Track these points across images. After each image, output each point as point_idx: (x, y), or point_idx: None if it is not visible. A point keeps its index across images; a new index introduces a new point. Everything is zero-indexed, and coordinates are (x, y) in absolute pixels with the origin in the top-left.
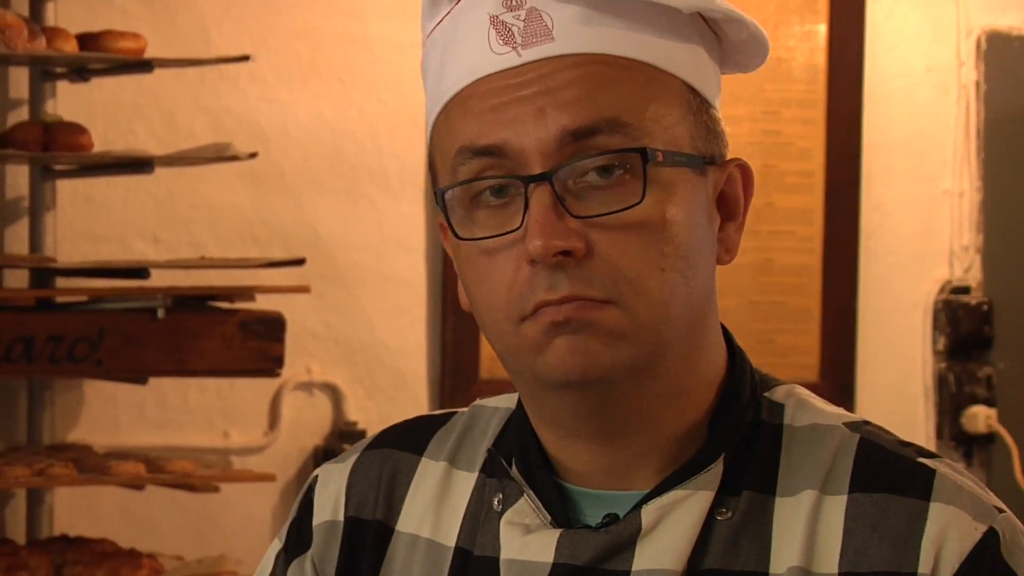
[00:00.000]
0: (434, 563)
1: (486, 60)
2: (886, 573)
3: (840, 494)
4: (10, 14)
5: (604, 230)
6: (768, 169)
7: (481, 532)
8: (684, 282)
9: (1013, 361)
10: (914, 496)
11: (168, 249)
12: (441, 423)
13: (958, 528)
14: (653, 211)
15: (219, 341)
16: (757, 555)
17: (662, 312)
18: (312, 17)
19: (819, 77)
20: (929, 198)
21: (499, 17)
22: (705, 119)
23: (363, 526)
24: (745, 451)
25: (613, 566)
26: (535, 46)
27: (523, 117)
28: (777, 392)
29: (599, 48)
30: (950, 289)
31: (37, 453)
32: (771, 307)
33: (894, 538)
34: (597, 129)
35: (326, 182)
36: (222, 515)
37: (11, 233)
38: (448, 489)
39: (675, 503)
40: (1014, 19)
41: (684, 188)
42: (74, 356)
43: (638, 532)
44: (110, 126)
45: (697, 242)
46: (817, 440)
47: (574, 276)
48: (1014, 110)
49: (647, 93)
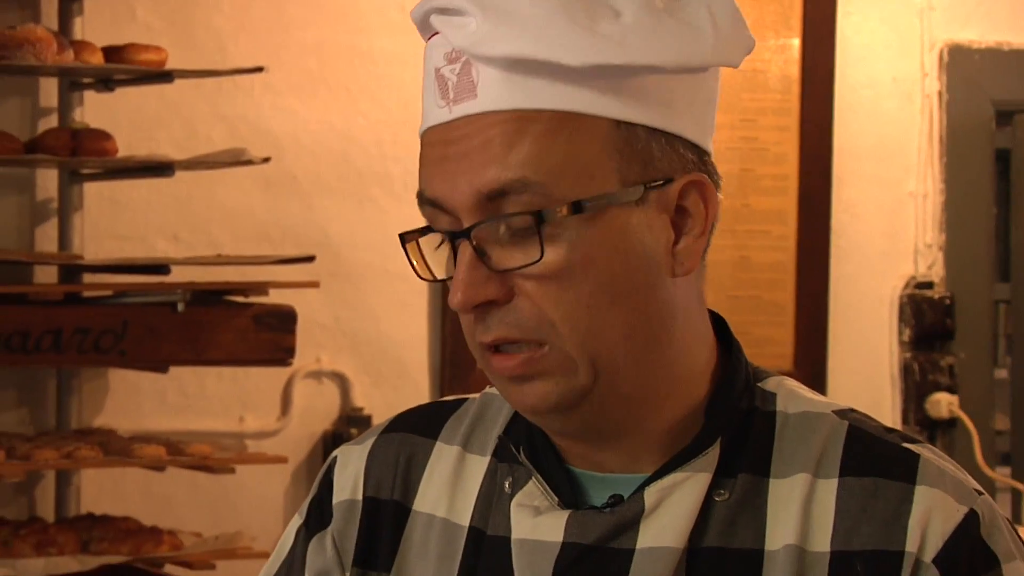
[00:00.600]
0: (449, 541)
1: (432, 112)
2: (875, 551)
3: (831, 477)
4: (40, 28)
5: (525, 277)
6: (745, 173)
7: (493, 513)
8: (615, 313)
9: (972, 351)
10: (901, 479)
11: (187, 247)
12: (454, 409)
13: (942, 509)
14: (563, 261)
15: (235, 333)
16: (753, 534)
17: (593, 343)
18: (321, 32)
19: (793, 88)
20: (895, 200)
21: (440, 70)
22: (642, 146)
23: (381, 505)
24: (740, 436)
25: (619, 544)
26: (461, 103)
27: (452, 176)
28: (769, 382)
29: (515, 104)
30: (914, 284)
31: (65, 437)
32: (748, 301)
33: (883, 518)
34: (505, 191)
35: (334, 185)
36: (238, 495)
37: (41, 232)
38: (462, 472)
39: (675, 485)
40: (974, 33)
41: (607, 226)
42: (100, 347)
43: (641, 512)
44: (133, 133)
45: (627, 274)
46: (808, 427)
47: (500, 320)
48: (973, 118)
49: (556, 144)
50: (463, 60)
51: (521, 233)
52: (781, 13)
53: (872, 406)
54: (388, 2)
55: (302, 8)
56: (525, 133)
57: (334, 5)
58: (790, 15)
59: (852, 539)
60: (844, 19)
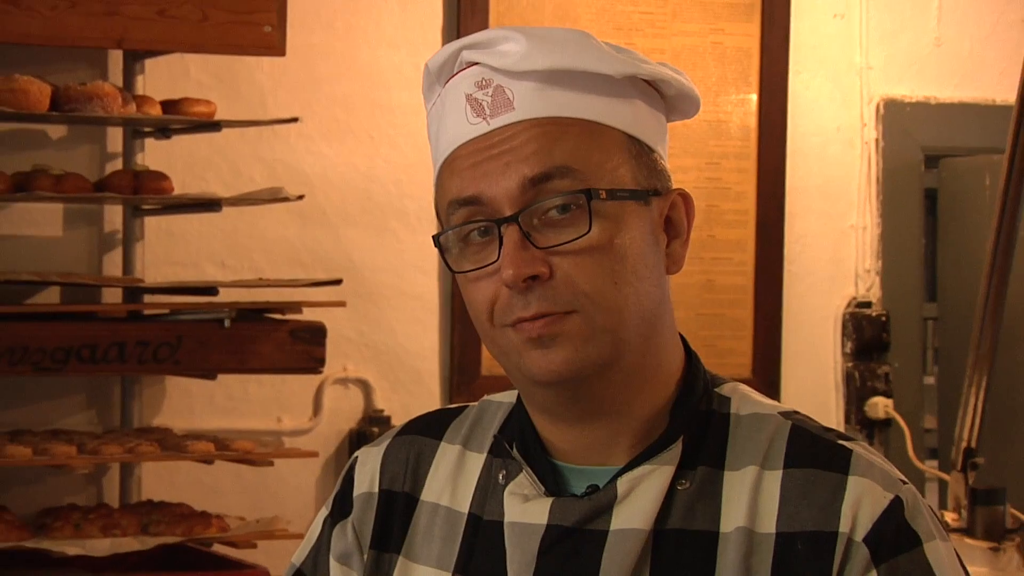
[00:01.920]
0: (452, 526)
1: (464, 131)
2: (814, 532)
3: (776, 469)
4: (107, 84)
5: (564, 255)
6: (711, 208)
7: (489, 501)
8: (634, 291)
9: (905, 361)
10: (836, 471)
11: (232, 272)
12: (456, 414)
13: (870, 496)
14: (601, 237)
15: (273, 345)
16: (710, 517)
17: (617, 316)
18: (347, 87)
19: (751, 135)
20: (838, 232)
21: (472, 95)
22: (646, 160)
23: (394, 497)
24: (699, 434)
25: (595, 526)
26: (500, 116)
27: (493, 171)
28: (724, 388)
29: (550, 112)
30: (855, 304)
31: (128, 435)
32: (713, 318)
33: (820, 504)
34: (551, 175)
35: (358, 218)
36: (276, 484)
37: (108, 259)
38: (462, 467)
39: (643, 476)
40: (905, 89)
41: (629, 217)
42: (157, 357)
43: (614, 499)
44: (187, 174)
45: (643, 258)
46: (757, 426)
47: (541, 295)
48: (905, 162)
49: (591, 144)
50: (495, 85)
51: (566, 212)
52: (741, 72)
53: (819, 408)
54: (404, 62)
55: (331, 67)
56: (564, 134)
57: (358, 65)
58: (749, 74)
59: (794, 522)
60: (795, 77)
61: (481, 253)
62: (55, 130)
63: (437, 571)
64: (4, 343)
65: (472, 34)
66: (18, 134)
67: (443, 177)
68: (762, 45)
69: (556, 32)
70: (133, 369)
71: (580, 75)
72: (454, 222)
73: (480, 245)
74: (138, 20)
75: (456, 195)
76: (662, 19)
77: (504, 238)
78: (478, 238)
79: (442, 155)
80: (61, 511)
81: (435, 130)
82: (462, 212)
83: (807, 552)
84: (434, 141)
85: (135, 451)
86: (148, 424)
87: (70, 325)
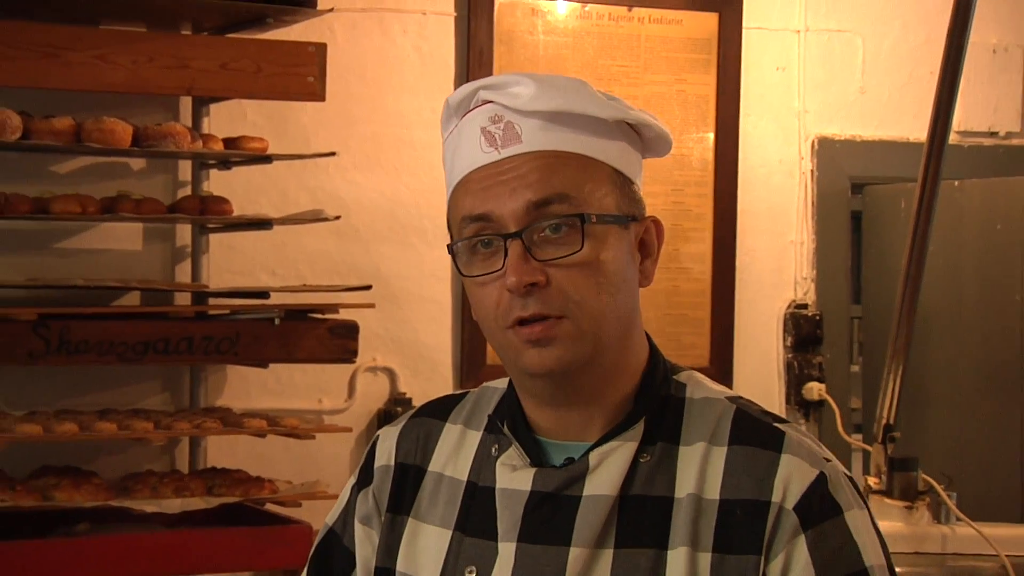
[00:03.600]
0: (453, 491)
1: (478, 157)
2: (751, 500)
3: (722, 445)
4: (179, 125)
5: (558, 268)
6: (675, 227)
7: (484, 470)
8: (613, 300)
9: (835, 353)
10: (770, 449)
11: (281, 279)
12: (459, 399)
13: (799, 471)
14: (590, 254)
15: (315, 340)
16: (666, 485)
17: (599, 321)
18: (376, 127)
19: (708, 167)
20: (781, 246)
21: (487, 128)
22: (627, 191)
23: (407, 469)
24: (659, 415)
25: (571, 492)
26: (510, 147)
27: (502, 194)
28: (681, 375)
29: (552, 146)
30: (794, 306)
31: (195, 413)
32: (677, 318)
33: (757, 477)
34: (551, 200)
35: (385, 235)
36: (317, 454)
37: (179, 269)
38: (463, 443)
39: (611, 450)
40: (836, 129)
41: (612, 238)
42: (220, 350)
43: (587, 469)
44: (244, 199)
45: (622, 273)
46: (707, 408)
47: (538, 299)
48: (835, 189)
49: (584, 175)
50: (506, 120)
51: (561, 232)
52: (700, 115)
53: (764, 392)
54: (423, 106)
55: (363, 110)
56: (563, 166)
57: (385, 108)
58: (707, 116)
59: (735, 490)
60: (745, 119)
61: (488, 261)
62: (136, 163)
63: (441, 529)
64: (94, 338)
65: (488, 77)
66: (105, 166)
67: (457, 195)
68: (718, 92)
69: (559, 80)
70: (199, 359)
71: (578, 117)
72: (466, 234)
73: (486, 255)
74: (204, 72)
75: (468, 211)
76: (635, 71)
77: (509, 250)
78: (483, 249)
79: (456, 177)
80: (140, 476)
81: (450, 155)
82: (473, 226)
83: (744, 517)
84: (449, 165)
85: (201, 427)
86: (212, 404)
87: (148, 323)
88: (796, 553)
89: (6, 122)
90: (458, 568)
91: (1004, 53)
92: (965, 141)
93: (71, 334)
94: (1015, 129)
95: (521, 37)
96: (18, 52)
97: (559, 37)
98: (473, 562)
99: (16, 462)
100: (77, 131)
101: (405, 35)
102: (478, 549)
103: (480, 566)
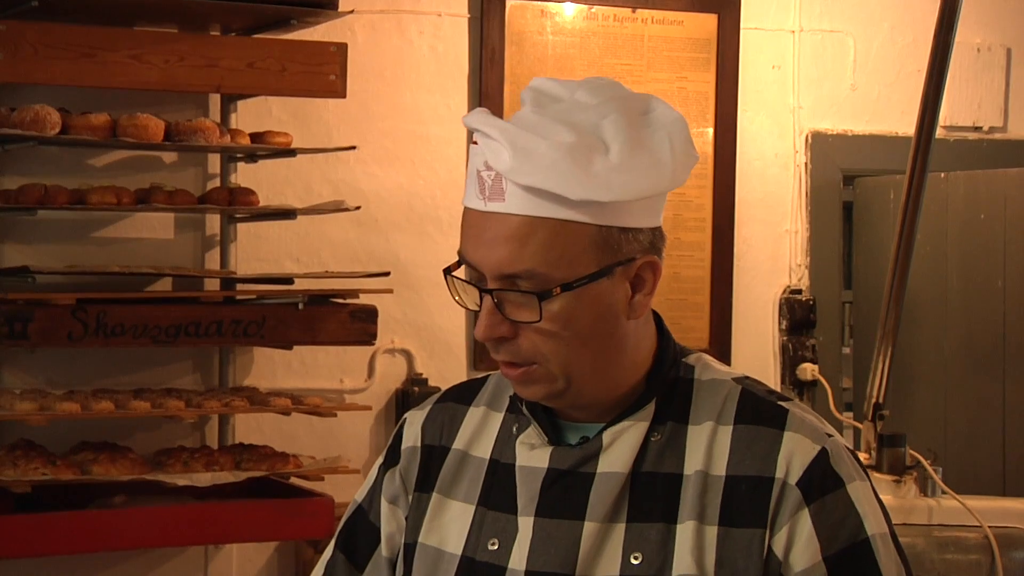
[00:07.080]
0: (476, 469)
1: (472, 198)
2: (756, 476)
3: (728, 424)
4: (208, 120)
5: (525, 326)
6: (676, 216)
7: (505, 449)
8: (584, 348)
9: (827, 336)
10: (774, 427)
11: (305, 266)
12: (481, 384)
13: (801, 447)
14: (554, 322)
15: (337, 323)
16: (676, 462)
17: (567, 366)
18: (394, 123)
19: (708, 160)
20: (776, 235)
21: (480, 172)
22: (615, 240)
23: (433, 450)
24: (669, 396)
25: (585, 469)
26: (494, 202)
27: (483, 253)
28: (691, 358)
29: (530, 212)
30: (789, 291)
31: (224, 392)
32: (679, 302)
33: (761, 454)
34: (518, 276)
35: (403, 225)
36: (338, 431)
37: (209, 256)
38: (485, 423)
39: (624, 430)
40: (828, 124)
41: (587, 296)
42: (247, 333)
43: (601, 448)
44: (269, 190)
45: (594, 326)
46: (715, 389)
47: (507, 350)
48: (828, 181)
49: (558, 241)
50: (495, 172)
51: (527, 298)
52: (700, 111)
53: (760, 373)
54: (438, 103)
55: (382, 107)
56: (535, 234)
57: (402, 105)
58: (706, 112)
59: (740, 467)
60: (742, 114)
61: (473, 295)
62: (168, 156)
63: (465, 504)
64: (129, 321)
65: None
66: (139, 159)
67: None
68: (717, 90)
69: (541, 148)
70: (228, 342)
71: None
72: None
73: (474, 290)
74: (232, 71)
75: (462, 251)
76: (639, 69)
77: (483, 301)
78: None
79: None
80: (173, 451)
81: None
82: (463, 265)
83: (749, 492)
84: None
85: (230, 405)
86: (239, 384)
87: (180, 307)
88: (800, 526)
89: (46, 118)
90: (481, 540)
91: (988, 52)
92: (951, 135)
93: (108, 318)
94: (998, 124)
95: (531, 37)
96: (58, 52)
97: (567, 37)
98: (495, 535)
99: (56, 438)
100: (113, 127)
101: (421, 36)
102: (500, 523)
103: (502, 539)
